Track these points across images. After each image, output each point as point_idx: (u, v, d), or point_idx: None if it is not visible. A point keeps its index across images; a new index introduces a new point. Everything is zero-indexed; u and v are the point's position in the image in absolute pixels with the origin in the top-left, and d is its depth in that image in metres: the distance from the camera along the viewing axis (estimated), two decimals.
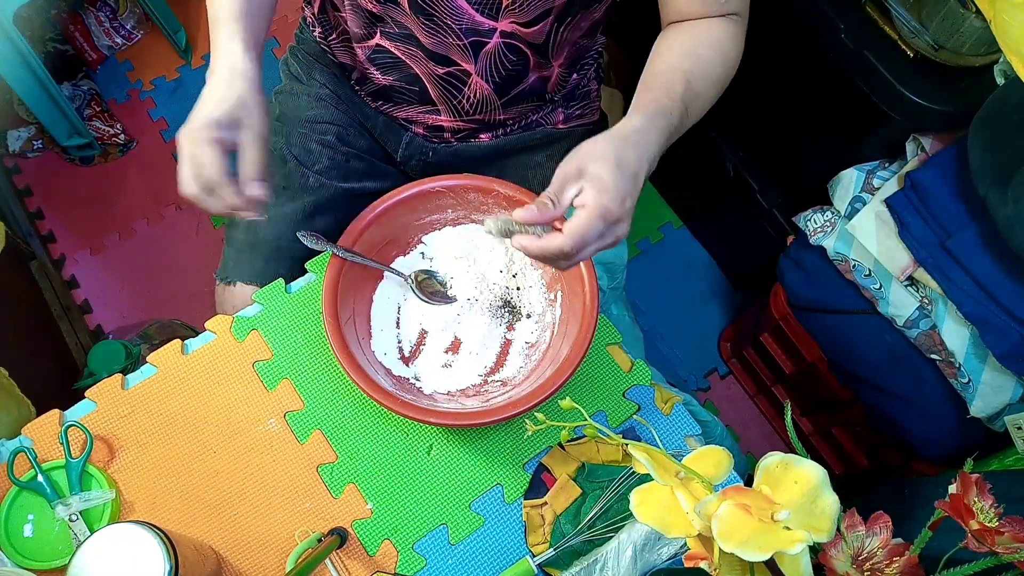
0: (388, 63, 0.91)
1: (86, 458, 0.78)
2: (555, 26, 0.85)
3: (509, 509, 0.81)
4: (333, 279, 0.81)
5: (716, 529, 0.45)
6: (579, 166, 0.65)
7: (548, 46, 0.88)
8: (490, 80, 0.89)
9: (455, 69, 0.88)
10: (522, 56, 0.88)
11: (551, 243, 0.64)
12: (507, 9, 0.81)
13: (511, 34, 0.84)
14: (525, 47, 0.86)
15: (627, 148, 0.66)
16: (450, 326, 0.88)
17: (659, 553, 0.71)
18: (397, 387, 0.81)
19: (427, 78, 0.90)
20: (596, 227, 0.64)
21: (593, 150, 0.66)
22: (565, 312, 0.84)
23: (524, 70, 0.90)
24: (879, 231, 1.04)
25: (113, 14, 1.89)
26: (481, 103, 0.93)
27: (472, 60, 0.86)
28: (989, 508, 0.45)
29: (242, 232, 0.98)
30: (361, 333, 0.84)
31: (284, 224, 0.96)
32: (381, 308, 0.88)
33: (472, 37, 0.84)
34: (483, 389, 0.84)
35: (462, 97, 0.92)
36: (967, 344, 0.99)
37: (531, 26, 0.83)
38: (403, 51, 0.88)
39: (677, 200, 1.80)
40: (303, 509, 0.80)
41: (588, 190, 0.64)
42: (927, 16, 0.97)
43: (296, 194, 0.98)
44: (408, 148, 1.02)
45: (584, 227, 0.63)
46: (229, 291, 0.97)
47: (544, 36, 0.86)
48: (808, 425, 1.48)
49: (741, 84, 0.99)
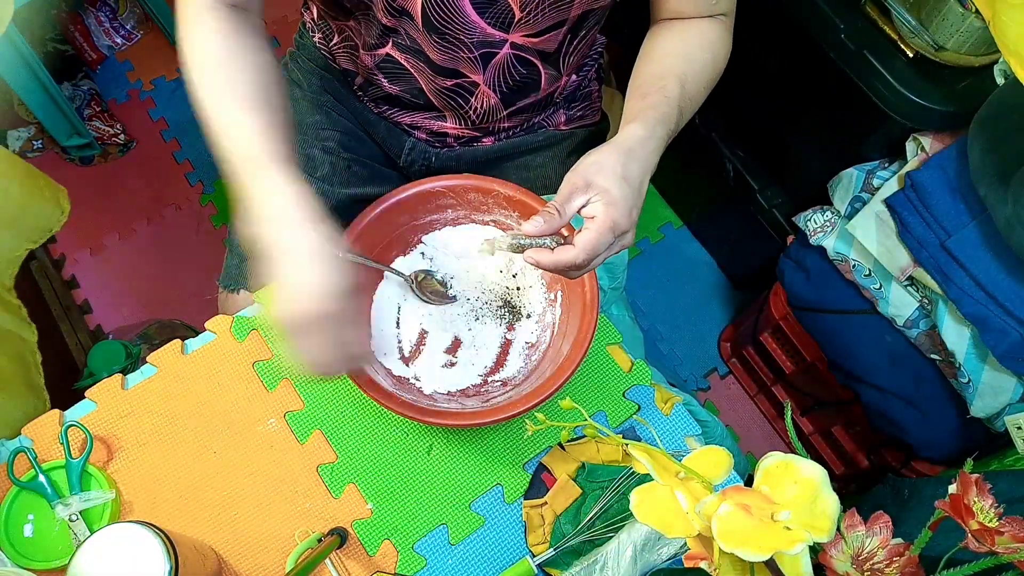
0: (396, 72, 0.90)
1: (86, 458, 0.78)
2: (568, 38, 0.85)
3: (509, 509, 0.81)
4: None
5: (716, 529, 0.45)
6: (586, 178, 0.66)
7: (560, 57, 0.88)
8: (497, 90, 0.89)
9: (463, 81, 0.87)
10: (531, 68, 0.87)
11: (564, 256, 0.66)
12: (519, 23, 0.80)
13: (521, 46, 0.83)
14: (535, 58, 0.86)
15: (631, 161, 0.68)
16: (450, 326, 0.88)
17: (659, 553, 0.71)
18: (397, 387, 0.81)
19: (432, 92, 0.90)
20: (606, 239, 0.66)
21: (599, 162, 0.67)
22: (565, 312, 0.84)
23: (533, 82, 0.90)
24: (879, 231, 1.04)
25: (113, 14, 1.89)
26: (487, 113, 0.93)
27: (480, 71, 0.86)
28: (989, 508, 0.45)
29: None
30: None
31: None
32: (381, 308, 0.88)
33: (483, 49, 0.83)
34: (483, 389, 0.84)
35: (468, 107, 0.91)
36: (967, 344, 0.99)
37: (541, 35, 0.83)
38: (411, 64, 0.87)
39: (677, 200, 1.80)
40: (303, 509, 0.80)
41: (596, 203, 0.66)
42: (927, 16, 0.97)
43: None
44: (411, 153, 1.02)
45: (595, 240, 0.65)
46: (232, 298, 0.97)
47: (556, 45, 0.85)
48: (808, 425, 1.48)
49: (742, 84, 0.99)
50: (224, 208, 1.79)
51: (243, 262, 0.98)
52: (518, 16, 0.79)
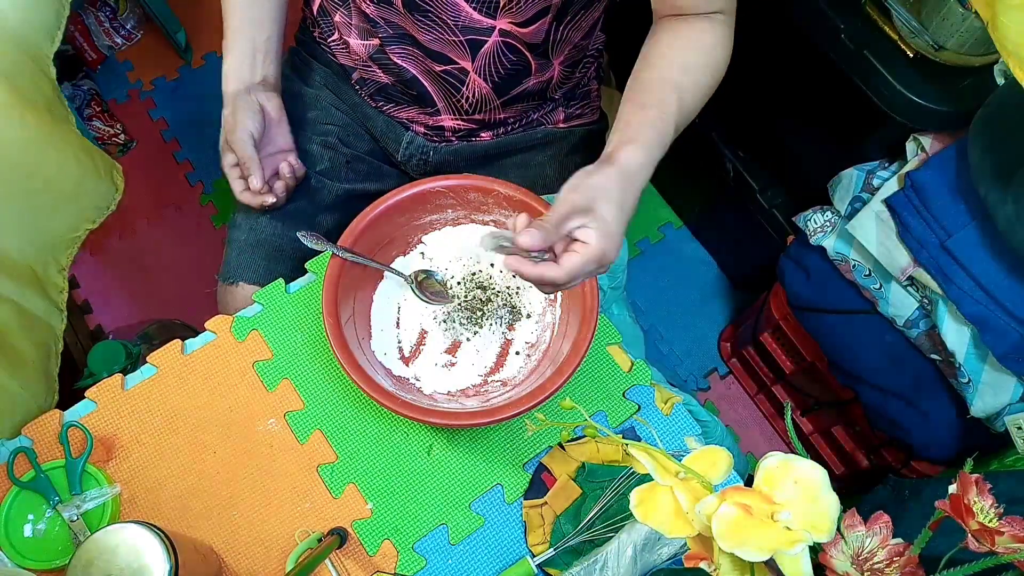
0: (388, 66, 0.91)
1: (86, 458, 0.78)
2: (554, 25, 0.85)
3: (509, 509, 0.81)
4: (333, 279, 0.81)
5: (716, 529, 0.45)
6: (588, 202, 0.66)
7: (548, 45, 0.88)
8: (488, 79, 0.89)
9: (453, 67, 0.88)
10: (521, 56, 0.88)
11: (546, 272, 0.67)
12: (504, 8, 0.81)
13: (509, 33, 0.84)
14: (523, 48, 0.86)
15: (629, 190, 0.69)
16: (450, 326, 0.88)
17: (659, 553, 0.71)
18: (397, 387, 0.81)
19: (424, 76, 0.90)
20: (591, 268, 0.67)
21: (604, 188, 0.67)
22: (565, 312, 0.84)
23: (523, 71, 0.90)
24: (879, 231, 1.04)
25: (113, 14, 1.89)
26: (480, 102, 0.93)
27: (469, 58, 0.86)
28: (989, 508, 0.45)
29: (244, 232, 0.98)
30: (361, 333, 0.84)
31: (286, 225, 0.96)
32: (381, 308, 0.88)
33: (470, 35, 0.84)
34: (483, 389, 0.84)
35: (460, 97, 0.92)
36: (967, 344, 0.99)
37: (528, 25, 0.83)
38: (399, 53, 0.88)
39: (677, 200, 1.80)
40: (303, 509, 0.80)
41: (592, 231, 0.66)
42: (927, 16, 0.97)
43: (297, 195, 0.98)
44: (409, 148, 1.02)
45: (581, 267, 0.66)
46: (231, 291, 0.97)
47: (543, 35, 0.86)
48: (808, 425, 1.48)
49: (742, 84, 0.99)
50: (224, 208, 1.79)
51: (241, 255, 0.98)
52: (502, 2, 0.80)
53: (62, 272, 0.99)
